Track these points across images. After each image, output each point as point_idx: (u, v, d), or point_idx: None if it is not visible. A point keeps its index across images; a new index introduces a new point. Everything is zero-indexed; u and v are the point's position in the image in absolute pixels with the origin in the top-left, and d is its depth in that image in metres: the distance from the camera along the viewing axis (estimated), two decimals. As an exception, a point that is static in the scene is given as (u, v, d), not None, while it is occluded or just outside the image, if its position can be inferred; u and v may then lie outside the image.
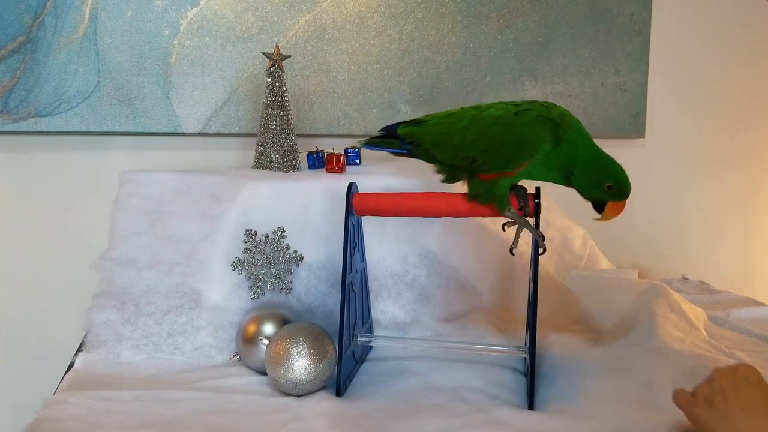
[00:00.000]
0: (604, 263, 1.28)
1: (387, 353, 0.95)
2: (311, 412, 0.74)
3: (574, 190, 0.79)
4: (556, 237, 1.23)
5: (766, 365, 0.86)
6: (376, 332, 0.99)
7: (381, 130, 0.88)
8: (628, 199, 0.77)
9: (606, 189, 0.75)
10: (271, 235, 0.96)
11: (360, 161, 1.13)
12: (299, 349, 0.79)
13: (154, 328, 0.91)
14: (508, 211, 0.79)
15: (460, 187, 0.83)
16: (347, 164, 1.10)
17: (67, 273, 1.16)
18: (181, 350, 0.91)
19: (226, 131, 1.20)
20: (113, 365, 0.88)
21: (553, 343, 0.92)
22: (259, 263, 0.95)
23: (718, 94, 1.55)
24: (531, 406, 0.76)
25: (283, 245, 0.96)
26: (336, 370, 0.81)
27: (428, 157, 0.83)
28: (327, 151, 1.09)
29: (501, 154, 0.75)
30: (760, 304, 1.16)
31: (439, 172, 0.84)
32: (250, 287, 0.95)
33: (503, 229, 0.82)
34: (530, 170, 0.77)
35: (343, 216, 0.84)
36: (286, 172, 1.07)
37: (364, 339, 0.90)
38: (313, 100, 1.24)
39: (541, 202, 0.79)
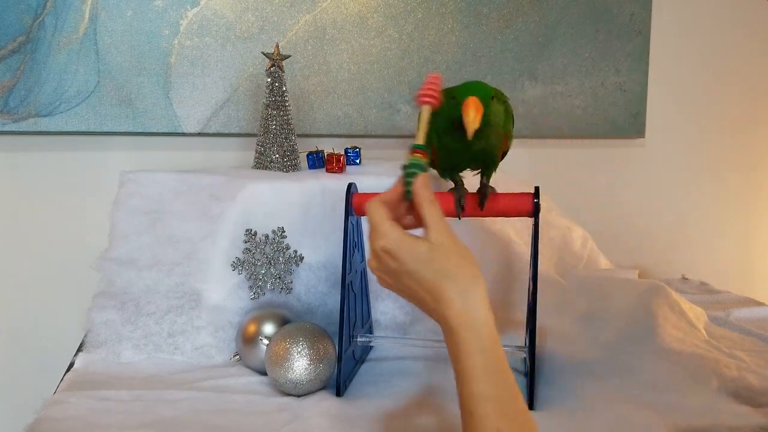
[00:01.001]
0: (604, 263, 1.28)
1: (387, 353, 0.95)
2: (311, 412, 0.74)
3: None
4: (556, 237, 1.23)
5: (766, 365, 0.86)
6: (376, 332, 0.99)
7: None
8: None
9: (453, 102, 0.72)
10: (271, 235, 0.96)
11: (360, 161, 1.13)
12: (299, 349, 0.79)
13: (154, 328, 0.91)
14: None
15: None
16: (347, 164, 1.10)
17: (67, 273, 1.16)
18: (181, 350, 0.91)
19: (226, 131, 1.20)
20: (113, 365, 0.88)
21: (553, 343, 0.92)
22: (259, 263, 0.95)
23: (718, 94, 1.55)
24: (531, 406, 0.76)
25: (283, 245, 0.96)
26: (336, 370, 0.81)
27: None
28: (327, 151, 1.09)
29: None
30: (760, 304, 1.16)
31: None
32: (250, 287, 0.95)
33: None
34: (434, 141, 0.77)
35: (343, 216, 0.84)
36: (286, 172, 1.07)
37: (363, 339, 0.90)
38: (313, 100, 1.24)
39: (540, 202, 0.79)
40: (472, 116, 0.67)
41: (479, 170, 0.83)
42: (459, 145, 0.75)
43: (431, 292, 0.52)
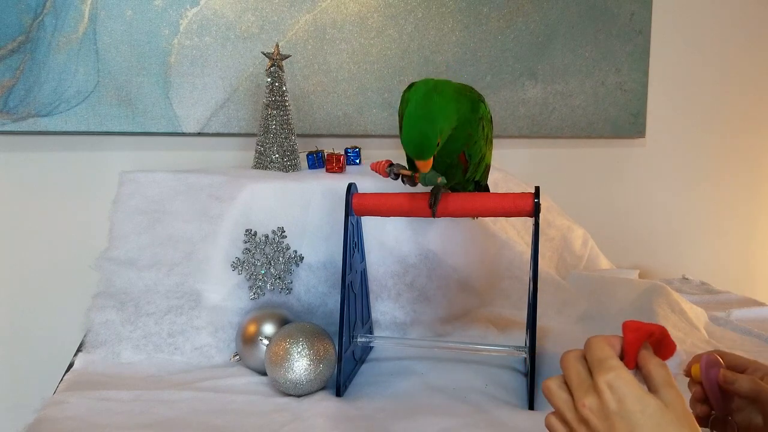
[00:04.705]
0: (605, 263, 1.28)
1: (387, 354, 0.95)
2: (311, 412, 0.74)
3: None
4: (556, 237, 1.23)
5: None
6: (376, 333, 0.99)
7: None
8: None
9: None
10: (271, 235, 0.96)
11: (360, 161, 1.13)
12: (299, 350, 0.79)
13: (154, 328, 0.91)
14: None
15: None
16: (347, 164, 1.10)
17: (67, 273, 1.16)
18: (181, 350, 0.91)
19: (226, 131, 1.20)
20: (113, 365, 0.88)
21: (553, 343, 0.92)
22: (259, 263, 0.95)
23: (718, 94, 1.55)
24: (531, 406, 0.76)
25: (283, 245, 0.96)
26: (336, 370, 0.81)
27: None
28: (327, 151, 1.09)
29: None
30: (760, 304, 1.16)
31: None
32: (250, 287, 0.95)
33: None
34: None
35: (343, 216, 0.84)
36: (286, 172, 1.07)
37: (364, 339, 0.90)
38: (313, 100, 1.24)
39: (540, 202, 0.79)
40: (423, 170, 0.74)
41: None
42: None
43: None
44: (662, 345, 0.48)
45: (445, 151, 0.78)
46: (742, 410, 0.60)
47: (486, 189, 0.95)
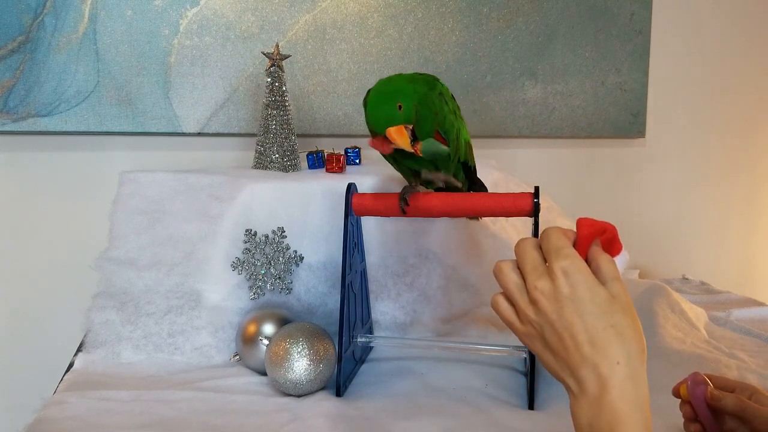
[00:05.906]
0: (605, 263, 1.27)
1: (387, 354, 0.95)
2: (311, 412, 0.74)
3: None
4: (556, 237, 1.23)
5: (766, 365, 0.86)
6: (376, 333, 0.99)
7: None
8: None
9: None
10: (271, 235, 0.96)
11: (360, 161, 1.13)
12: (299, 350, 0.79)
13: (154, 328, 0.91)
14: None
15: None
16: (347, 164, 1.10)
17: (67, 273, 1.16)
18: (181, 350, 0.91)
19: (226, 131, 1.20)
20: (113, 365, 0.88)
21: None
22: (259, 263, 0.95)
23: (718, 94, 1.55)
24: (531, 406, 0.76)
25: (283, 245, 0.96)
26: (336, 370, 0.81)
27: None
28: (327, 151, 1.09)
29: None
30: (760, 304, 1.16)
31: None
32: (250, 287, 0.95)
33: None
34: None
35: (343, 216, 0.84)
36: (286, 172, 1.07)
37: (363, 339, 0.90)
38: (313, 100, 1.24)
39: (540, 202, 0.79)
40: (402, 142, 0.70)
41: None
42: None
43: (594, 342, 0.44)
44: (612, 244, 0.49)
45: (422, 134, 0.76)
46: (735, 430, 0.61)
47: (483, 186, 0.95)
